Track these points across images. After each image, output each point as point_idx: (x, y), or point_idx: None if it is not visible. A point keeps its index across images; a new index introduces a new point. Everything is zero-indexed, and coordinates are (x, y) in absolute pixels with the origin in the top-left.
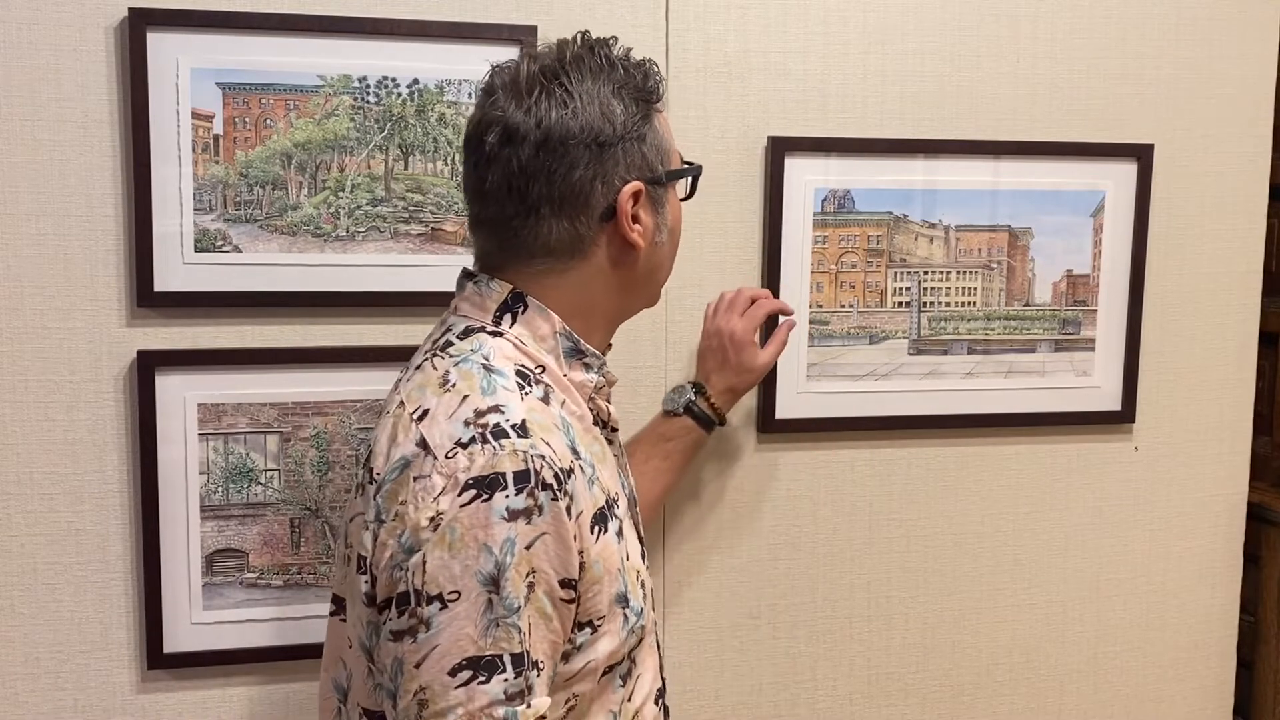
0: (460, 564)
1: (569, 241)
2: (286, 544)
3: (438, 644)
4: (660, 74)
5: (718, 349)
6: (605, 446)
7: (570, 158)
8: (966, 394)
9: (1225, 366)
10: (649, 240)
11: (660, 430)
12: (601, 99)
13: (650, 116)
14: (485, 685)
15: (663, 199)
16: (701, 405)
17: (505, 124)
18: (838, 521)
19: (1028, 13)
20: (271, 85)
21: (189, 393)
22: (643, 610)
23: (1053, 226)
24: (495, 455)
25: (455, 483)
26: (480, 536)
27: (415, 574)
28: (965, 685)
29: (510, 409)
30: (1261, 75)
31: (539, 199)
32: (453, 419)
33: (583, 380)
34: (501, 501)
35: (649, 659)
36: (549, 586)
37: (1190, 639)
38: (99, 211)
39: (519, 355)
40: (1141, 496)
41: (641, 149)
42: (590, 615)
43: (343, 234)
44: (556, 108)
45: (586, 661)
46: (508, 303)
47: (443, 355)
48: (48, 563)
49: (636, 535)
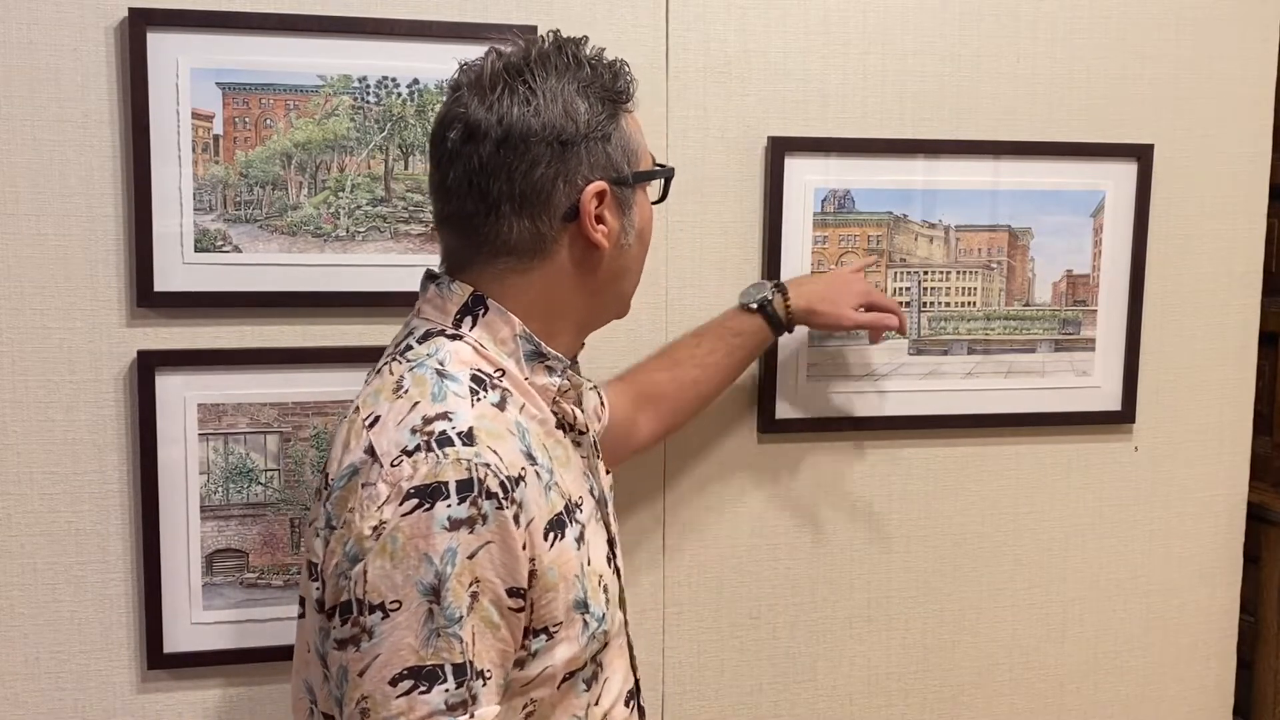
0: (401, 574)
1: (530, 240)
2: (286, 544)
3: (379, 653)
4: (631, 75)
5: (828, 276)
6: (570, 450)
7: (531, 155)
8: (966, 394)
9: (1225, 366)
10: (614, 242)
11: (730, 325)
12: (565, 97)
13: (617, 116)
14: (426, 695)
15: (630, 200)
16: (777, 305)
17: (467, 120)
18: (838, 521)
19: (1028, 13)
20: (271, 85)
21: (189, 393)
22: (605, 615)
23: (1053, 226)
24: (438, 464)
25: (398, 491)
26: (421, 546)
27: (358, 583)
28: (965, 685)
29: (458, 416)
30: (1261, 75)
31: (499, 196)
32: (400, 426)
33: (545, 384)
34: (443, 511)
35: (618, 661)
36: (495, 596)
37: (1190, 639)
38: (99, 211)
39: (477, 359)
40: (1141, 496)
41: (606, 149)
42: (545, 622)
43: (343, 234)
44: (519, 105)
45: (544, 668)
46: (468, 305)
47: (400, 359)
48: (48, 563)
49: (606, 537)
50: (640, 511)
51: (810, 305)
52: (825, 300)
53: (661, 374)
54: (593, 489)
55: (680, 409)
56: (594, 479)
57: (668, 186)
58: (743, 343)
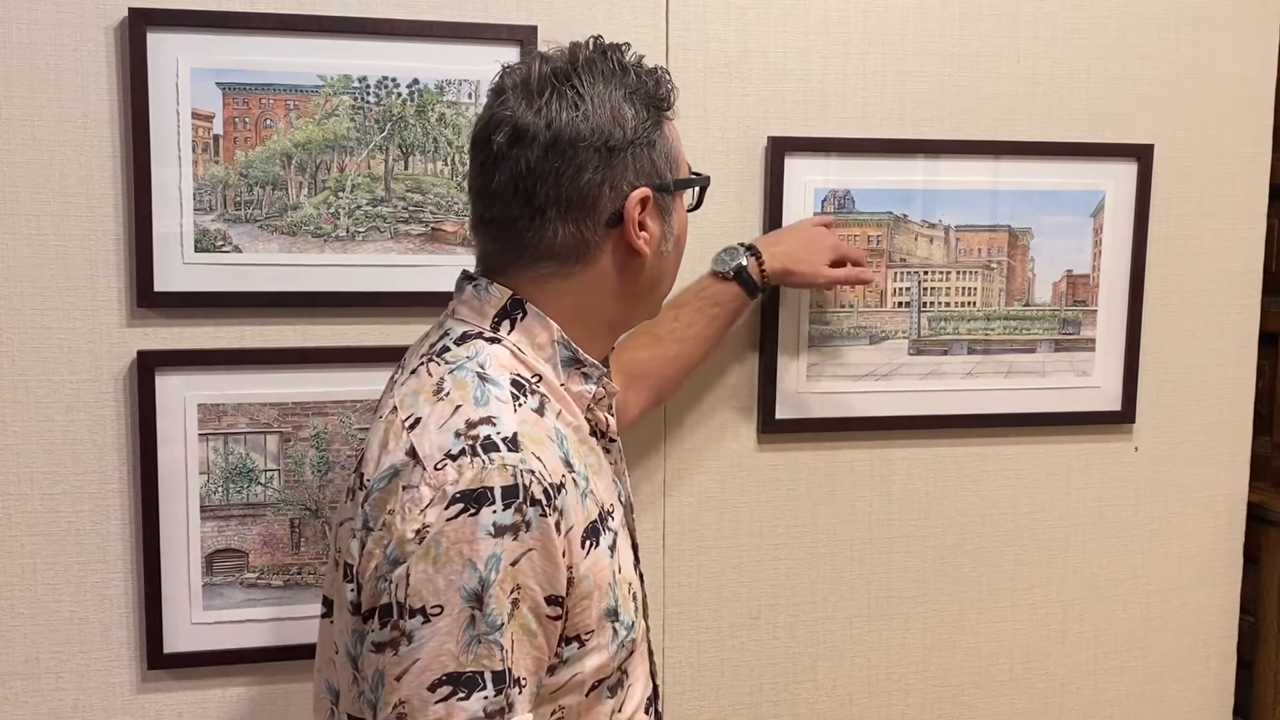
0: (444, 579)
1: (573, 245)
2: (286, 544)
3: (418, 658)
4: (672, 83)
5: (799, 232)
6: (601, 457)
7: (579, 160)
8: (966, 394)
9: (1225, 366)
10: (655, 249)
11: (707, 294)
12: (613, 103)
13: (661, 124)
14: (465, 702)
15: (670, 207)
16: (752, 270)
17: (515, 124)
18: (838, 521)
19: (1028, 13)
20: (271, 85)
21: (189, 393)
22: (633, 624)
23: (1053, 226)
24: (484, 469)
25: (443, 495)
26: (465, 551)
27: (399, 586)
28: (965, 685)
29: (502, 421)
30: (1261, 75)
31: (546, 201)
32: (444, 429)
33: (580, 391)
34: (489, 517)
35: (640, 668)
36: (534, 603)
37: (1190, 639)
38: (99, 211)
39: (515, 364)
40: (1141, 496)
41: (651, 155)
42: (578, 630)
43: (343, 234)
44: (567, 109)
45: (573, 675)
46: (506, 309)
47: (438, 361)
48: (48, 563)
49: (631, 543)
50: (640, 511)
51: (785, 266)
52: (799, 260)
53: (644, 351)
54: (620, 495)
55: (666, 382)
56: (621, 485)
57: (703, 194)
58: (721, 311)
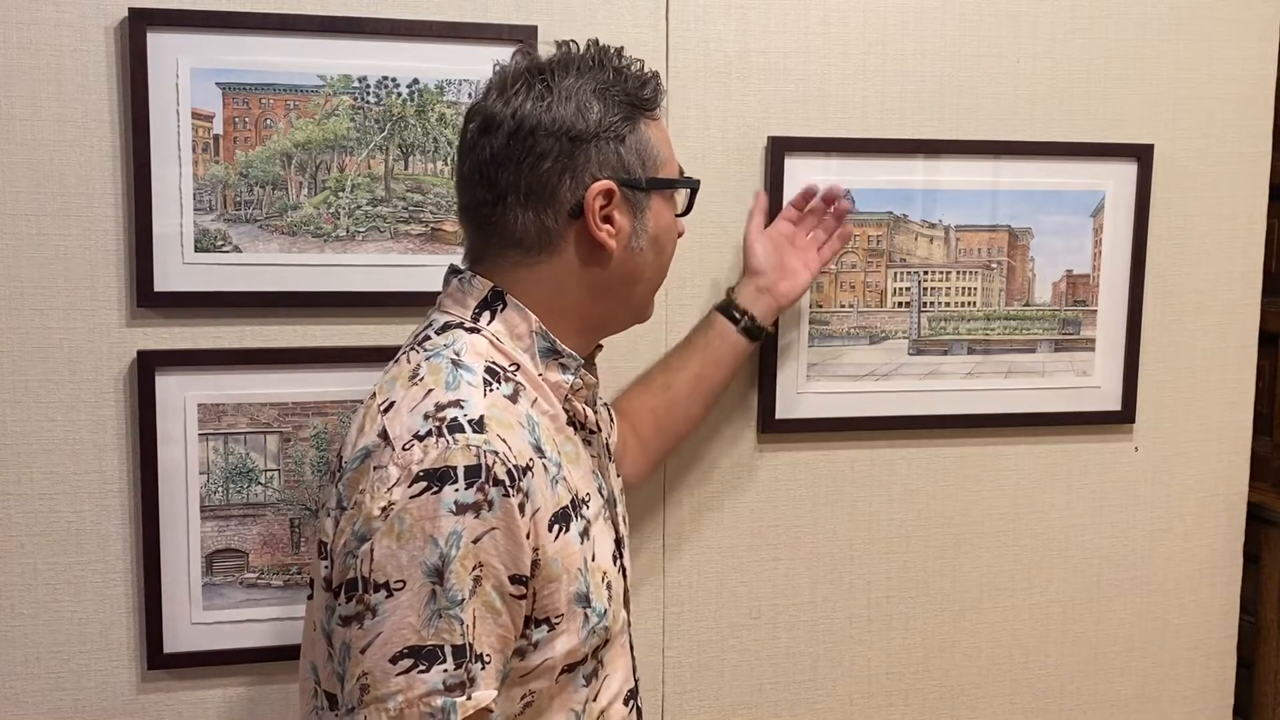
0: (407, 554)
1: (536, 234)
2: (286, 544)
3: (381, 631)
4: (661, 87)
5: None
6: (580, 447)
7: (539, 149)
8: (966, 394)
9: (1225, 366)
10: (623, 244)
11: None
12: (581, 96)
13: (635, 120)
14: (425, 674)
15: (643, 204)
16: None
17: (485, 114)
18: (838, 521)
19: (1028, 13)
20: (271, 85)
21: (189, 393)
22: (607, 611)
23: (1053, 226)
24: (448, 449)
25: (408, 474)
26: (427, 528)
27: (364, 561)
28: (965, 685)
29: (470, 404)
30: (1261, 75)
31: (506, 187)
32: (414, 412)
33: (558, 381)
34: (450, 495)
35: (619, 660)
36: (498, 581)
37: (1190, 639)
38: (99, 211)
39: (493, 352)
40: (1141, 496)
41: (619, 150)
42: (547, 613)
43: (343, 234)
44: (533, 100)
45: (544, 659)
46: (487, 300)
47: (418, 349)
48: (48, 563)
49: (613, 536)
50: (640, 511)
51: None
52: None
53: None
54: (601, 488)
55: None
56: (603, 479)
57: (693, 198)
58: (733, 362)
